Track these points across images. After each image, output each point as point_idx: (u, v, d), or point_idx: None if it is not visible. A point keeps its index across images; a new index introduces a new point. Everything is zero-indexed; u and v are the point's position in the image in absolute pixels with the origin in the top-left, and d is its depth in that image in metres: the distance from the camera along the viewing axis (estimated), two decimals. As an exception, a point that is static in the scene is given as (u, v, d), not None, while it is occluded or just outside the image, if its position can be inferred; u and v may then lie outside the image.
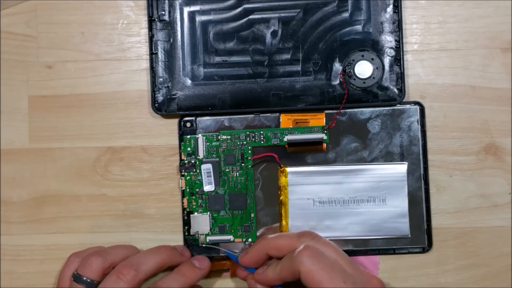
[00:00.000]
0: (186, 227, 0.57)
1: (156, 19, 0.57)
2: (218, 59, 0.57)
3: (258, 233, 0.57)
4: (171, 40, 0.57)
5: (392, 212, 0.56)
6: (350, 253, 0.56)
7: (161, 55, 0.57)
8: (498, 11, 0.57)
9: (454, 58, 0.57)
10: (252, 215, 0.57)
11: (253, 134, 0.57)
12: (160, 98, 0.57)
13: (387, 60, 0.56)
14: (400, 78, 0.56)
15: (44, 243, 0.58)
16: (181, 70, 0.57)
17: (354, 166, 0.56)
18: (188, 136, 0.57)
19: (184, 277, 0.53)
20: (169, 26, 0.57)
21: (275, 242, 0.53)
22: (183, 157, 0.57)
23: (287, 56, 0.57)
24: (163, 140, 0.58)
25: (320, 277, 0.49)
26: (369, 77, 0.56)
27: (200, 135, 0.57)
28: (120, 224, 0.58)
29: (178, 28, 0.57)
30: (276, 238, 0.53)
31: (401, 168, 0.56)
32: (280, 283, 0.52)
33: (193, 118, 0.57)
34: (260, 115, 0.57)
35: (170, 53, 0.57)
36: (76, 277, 0.51)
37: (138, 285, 0.51)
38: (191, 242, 0.57)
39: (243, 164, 0.57)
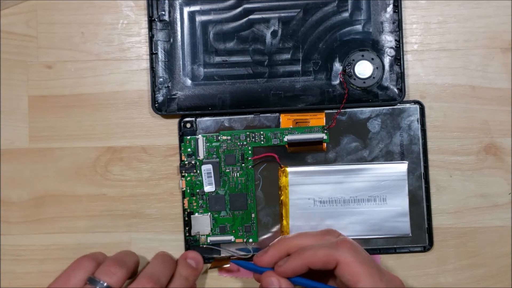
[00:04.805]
0: (187, 228, 0.57)
1: (156, 19, 0.57)
2: (218, 59, 0.57)
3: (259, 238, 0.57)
4: (171, 40, 0.57)
5: (392, 211, 0.56)
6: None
7: (161, 55, 0.57)
8: (498, 11, 0.57)
9: (454, 58, 0.57)
10: (253, 215, 0.57)
11: (253, 134, 0.57)
12: (160, 98, 0.57)
13: (387, 60, 0.56)
14: (400, 78, 0.56)
15: (44, 243, 0.58)
16: (181, 70, 0.57)
17: (355, 165, 0.56)
18: (188, 137, 0.57)
19: (188, 281, 0.53)
20: (169, 26, 0.57)
21: (299, 240, 0.52)
22: (183, 158, 0.57)
23: (287, 56, 0.57)
24: (163, 140, 0.58)
25: (359, 270, 0.49)
26: (369, 77, 0.56)
27: (200, 135, 0.57)
28: (120, 224, 0.58)
29: (178, 28, 0.57)
30: (299, 237, 0.52)
31: (402, 167, 0.56)
32: (304, 271, 0.51)
33: (193, 118, 0.57)
34: (260, 115, 0.57)
35: (170, 53, 0.57)
36: (93, 281, 0.49)
37: None
38: (192, 243, 0.57)
39: (243, 165, 0.57)
